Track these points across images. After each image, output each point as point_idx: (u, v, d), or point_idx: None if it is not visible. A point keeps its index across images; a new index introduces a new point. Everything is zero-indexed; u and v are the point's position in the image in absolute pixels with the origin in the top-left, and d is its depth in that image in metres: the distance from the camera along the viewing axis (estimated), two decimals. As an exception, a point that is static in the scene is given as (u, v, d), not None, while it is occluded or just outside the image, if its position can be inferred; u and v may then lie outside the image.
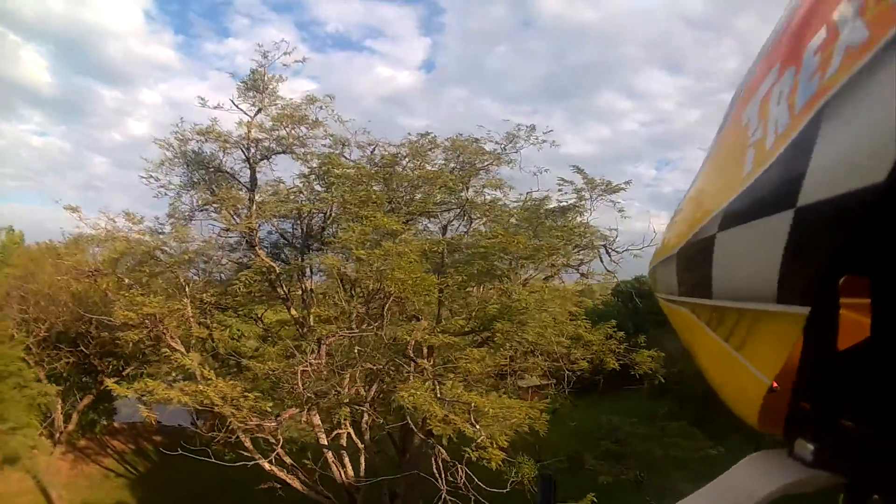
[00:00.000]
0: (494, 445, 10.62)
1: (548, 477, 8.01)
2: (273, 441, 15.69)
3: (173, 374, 17.09)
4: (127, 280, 15.09)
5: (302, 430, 17.31)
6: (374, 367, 12.85)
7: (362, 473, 15.73)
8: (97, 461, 25.32)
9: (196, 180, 15.83)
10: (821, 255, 0.63)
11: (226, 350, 16.41)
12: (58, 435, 19.11)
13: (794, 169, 0.65)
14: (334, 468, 15.29)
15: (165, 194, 15.97)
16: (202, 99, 14.57)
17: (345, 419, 14.33)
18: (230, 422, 12.73)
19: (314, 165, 15.54)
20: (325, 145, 15.37)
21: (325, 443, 15.29)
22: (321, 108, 14.73)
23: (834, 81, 0.59)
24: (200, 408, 13.04)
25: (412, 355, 12.82)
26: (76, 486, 21.75)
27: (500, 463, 10.74)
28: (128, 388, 13.10)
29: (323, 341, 12.78)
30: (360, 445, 15.08)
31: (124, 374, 22.14)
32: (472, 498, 11.91)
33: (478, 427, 10.73)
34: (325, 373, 12.83)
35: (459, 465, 11.66)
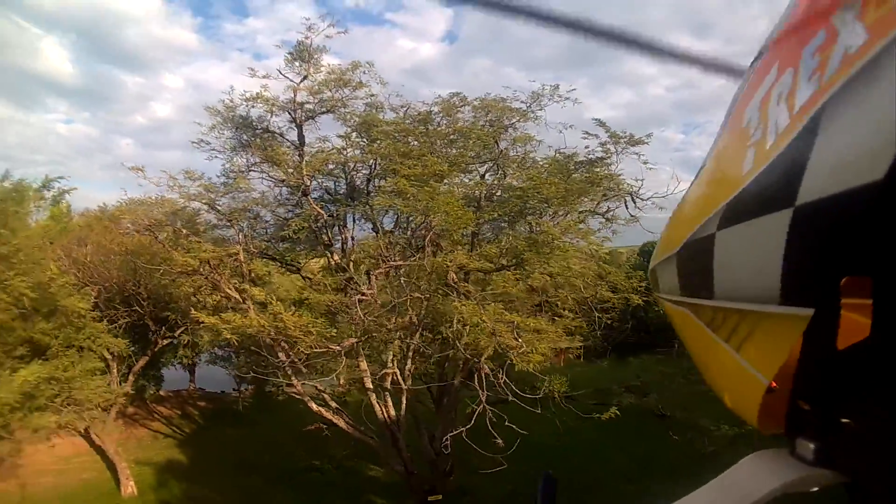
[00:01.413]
0: (534, 352, 11.66)
1: (549, 476, 8.74)
2: (320, 389, 16.91)
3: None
4: (185, 231, 16.22)
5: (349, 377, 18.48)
6: (422, 296, 13.81)
7: (403, 412, 16.73)
8: (145, 425, 26.75)
9: (244, 142, 16.99)
10: (822, 255, 0.64)
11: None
12: (114, 396, 20.20)
13: (792, 167, 0.66)
14: (377, 407, 16.33)
15: (216, 157, 17.38)
16: (252, 70, 15.86)
17: (393, 357, 15.35)
18: (298, 349, 13.68)
19: (354, 124, 16.61)
20: (365, 104, 16.48)
21: (370, 386, 16.32)
22: (364, 72, 15.90)
23: (833, 82, 0.61)
24: (274, 337, 13.95)
25: (454, 282, 13.78)
26: (127, 447, 22.94)
27: (536, 372, 12.00)
28: (209, 317, 14.01)
29: (371, 272, 13.87)
30: (404, 387, 16.08)
31: (176, 333, 23.43)
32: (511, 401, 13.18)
33: (520, 340, 11.77)
34: (378, 303, 13.94)
35: (499, 372, 12.81)
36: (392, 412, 16.52)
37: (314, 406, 16.74)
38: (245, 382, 30.02)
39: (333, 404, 17.22)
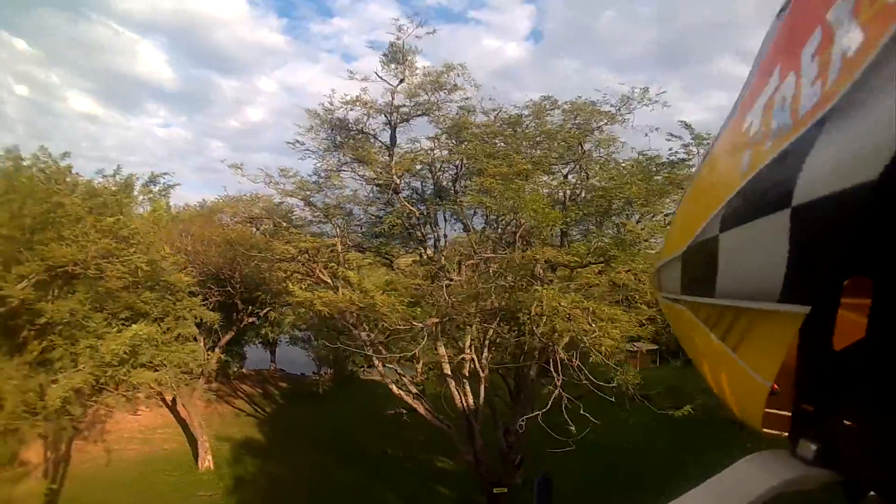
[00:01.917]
0: (607, 336, 12.27)
1: (545, 478, 9.15)
2: (400, 373, 17.78)
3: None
4: (284, 223, 17.47)
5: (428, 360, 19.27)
6: (507, 284, 14.49)
7: (481, 402, 17.36)
8: (229, 402, 28.30)
9: (338, 143, 18.00)
10: (820, 255, 0.65)
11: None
12: (204, 362, 21.59)
13: (790, 168, 0.67)
14: (456, 395, 17.04)
15: (309, 157, 18.51)
16: (350, 72, 16.80)
17: (471, 342, 16.04)
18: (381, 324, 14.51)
19: (445, 126, 17.31)
20: (459, 107, 17.13)
21: (449, 371, 17.03)
22: (458, 74, 16.52)
23: (836, 89, 0.61)
24: (359, 312, 15.00)
25: (541, 273, 14.38)
26: (210, 422, 24.28)
27: (607, 361, 12.75)
28: (302, 291, 15.12)
29: (463, 262, 14.69)
30: (482, 375, 16.73)
31: (262, 313, 24.97)
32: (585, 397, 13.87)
33: (594, 325, 12.30)
34: (463, 287, 14.72)
35: (573, 359, 13.35)
36: (471, 401, 17.13)
37: (395, 389, 17.57)
38: (325, 366, 31.51)
39: (414, 389, 18.00)
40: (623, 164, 17.01)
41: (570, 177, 17.64)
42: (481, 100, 17.24)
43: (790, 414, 0.92)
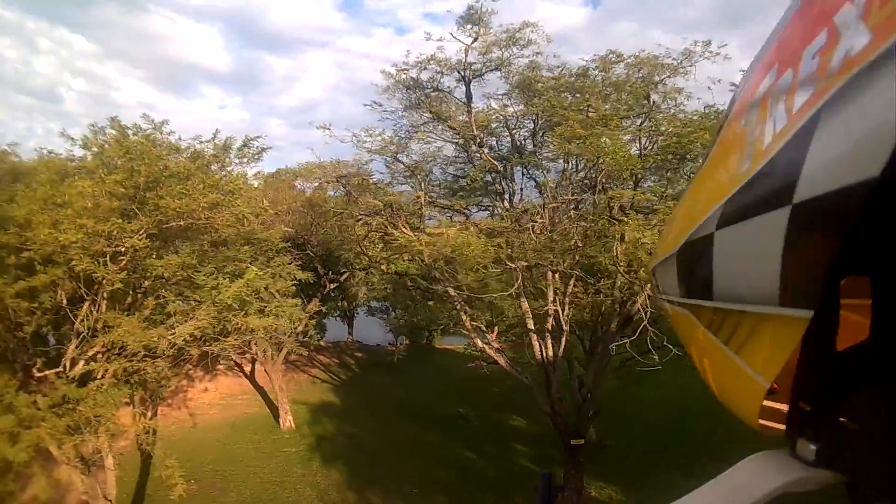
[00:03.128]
0: None
1: (547, 476, 9.22)
2: (484, 329, 18.37)
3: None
4: (371, 180, 18.30)
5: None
6: (588, 226, 14.91)
7: (560, 355, 17.79)
8: (305, 371, 29.54)
9: (414, 101, 18.66)
10: (821, 255, 0.64)
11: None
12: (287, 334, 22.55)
13: (790, 165, 0.66)
14: (537, 346, 17.52)
15: (388, 118, 19.15)
16: (427, 33, 17.39)
17: (555, 293, 16.51)
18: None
19: (514, 82, 17.73)
20: (529, 62, 17.55)
21: (531, 326, 17.52)
22: (531, 31, 17.03)
23: (833, 83, 0.61)
24: (450, 253, 15.65)
25: (621, 211, 14.71)
26: (287, 389, 25.20)
27: None
28: (402, 235, 15.83)
29: (546, 205, 15.17)
30: (565, 329, 17.17)
31: (343, 279, 25.92)
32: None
33: None
34: (549, 228, 15.21)
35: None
36: (550, 353, 17.55)
37: (479, 343, 18.27)
38: (401, 336, 32.33)
39: (496, 344, 18.68)
40: (691, 117, 17.09)
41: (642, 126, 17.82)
42: (546, 58, 17.69)
43: (787, 413, 0.92)
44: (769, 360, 0.79)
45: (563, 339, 17.40)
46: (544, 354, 17.55)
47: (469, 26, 16.91)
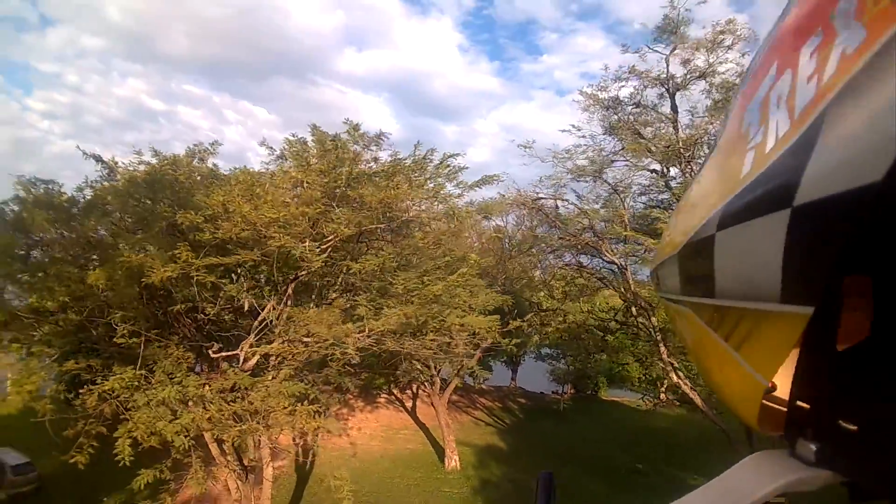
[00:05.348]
0: None
1: (547, 475, 7.43)
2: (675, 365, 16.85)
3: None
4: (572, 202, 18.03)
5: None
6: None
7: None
8: (468, 412, 28.98)
9: (614, 124, 18.14)
10: (821, 255, 0.64)
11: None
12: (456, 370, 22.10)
13: (791, 169, 0.66)
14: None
15: (586, 144, 18.65)
16: (625, 46, 17.26)
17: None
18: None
19: (723, 91, 16.50)
20: (736, 65, 16.34)
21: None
22: (732, 32, 15.99)
23: (832, 85, 0.60)
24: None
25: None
26: (450, 428, 24.69)
27: None
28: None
29: None
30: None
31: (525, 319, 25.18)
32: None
33: None
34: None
35: None
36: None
37: (675, 377, 16.92)
38: (566, 384, 31.05)
39: (689, 383, 17.13)
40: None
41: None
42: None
43: (786, 412, 0.91)
44: (769, 357, 0.78)
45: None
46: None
47: (665, 36, 16.35)
